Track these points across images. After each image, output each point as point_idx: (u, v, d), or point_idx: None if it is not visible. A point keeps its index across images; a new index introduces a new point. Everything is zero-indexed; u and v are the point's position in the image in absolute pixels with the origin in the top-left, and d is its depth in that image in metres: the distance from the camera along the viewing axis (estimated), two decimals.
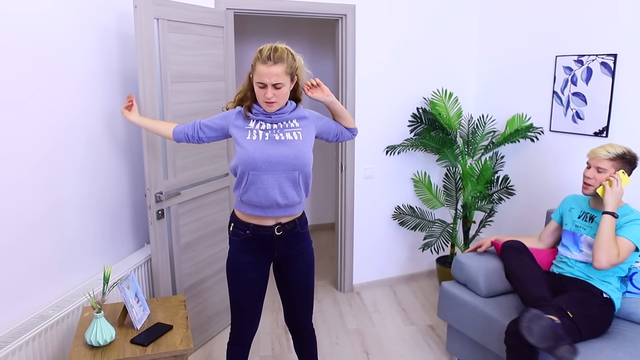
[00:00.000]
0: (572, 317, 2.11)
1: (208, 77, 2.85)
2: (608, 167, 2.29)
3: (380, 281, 3.94)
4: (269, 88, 1.89)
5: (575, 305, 2.16)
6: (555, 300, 2.21)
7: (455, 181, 3.74)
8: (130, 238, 2.82)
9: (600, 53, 2.95)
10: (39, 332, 2.00)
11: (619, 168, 2.29)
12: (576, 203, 2.55)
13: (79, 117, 2.35)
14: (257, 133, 1.97)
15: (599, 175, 2.31)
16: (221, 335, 3.15)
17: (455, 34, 3.80)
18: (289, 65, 1.93)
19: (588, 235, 2.40)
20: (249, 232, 2.04)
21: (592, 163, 2.34)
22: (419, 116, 3.69)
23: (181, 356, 1.97)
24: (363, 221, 3.78)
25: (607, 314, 2.22)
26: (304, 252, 2.11)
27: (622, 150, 2.30)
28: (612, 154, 2.29)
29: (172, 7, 2.55)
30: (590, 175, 2.33)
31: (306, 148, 1.99)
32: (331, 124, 2.17)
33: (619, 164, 2.29)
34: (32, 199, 2.08)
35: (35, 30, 2.06)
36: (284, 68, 1.90)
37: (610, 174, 2.29)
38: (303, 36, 4.92)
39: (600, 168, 2.30)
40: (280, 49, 1.95)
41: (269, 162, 1.94)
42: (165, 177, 2.64)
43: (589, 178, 2.34)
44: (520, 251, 2.48)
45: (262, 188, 1.95)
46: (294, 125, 2.02)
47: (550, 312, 2.11)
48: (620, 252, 2.16)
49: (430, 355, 2.95)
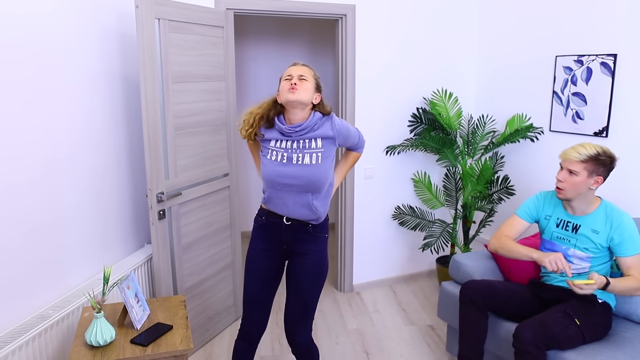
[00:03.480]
0: (579, 324, 2.11)
1: (209, 77, 2.85)
2: (580, 169, 2.13)
3: (380, 281, 3.94)
4: (294, 78, 2.00)
5: (581, 312, 2.15)
6: (561, 307, 2.18)
7: (455, 181, 3.74)
8: (131, 238, 2.82)
9: (600, 53, 2.95)
10: (39, 332, 2.00)
11: (592, 170, 2.12)
12: (551, 208, 2.37)
13: (80, 117, 2.35)
14: (276, 154, 2.04)
15: (571, 177, 2.15)
16: (221, 336, 3.15)
17: (455, 34, 3.80)
18: (315, 74, 2.07)
19: (577, 249, 2.26)
20: (264, 219, 2.14)
21: (564, 165, 2.19)
22: (419, 116, 3.70)
23: (181, 356, 1.97)
24: (363, 221, 3.78)
25: (607, 318, 2.23)
26: (310, 254, 2.10)
27: (595, 150, 2.12)
28: (584, 155, 2.12)
29: (173, 7, 2.55)
30: (562, 178, 2.18)
31: (322, 173, 2.02)
32: (350, 141, 2.16)
33: (591, 165, 2.12)
34: (33, 200, 2.08)
35: (36, 32, 2.06)
36: (310, 70, 2.06)
37: (583, 177, 2.13)
38: (303, 36, 4.92)
39: (572, 170, 2.15)
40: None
41: (283, 184, 2.03)
42: (167, 177, 2.64)
43: (561, 182, 2.19)
44: (478, 307, 2.32)
45: (279, 204, 2.07)
46: (314, 147, 2.03)
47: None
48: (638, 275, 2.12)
49: (430, 355, 2.95)
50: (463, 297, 2.37)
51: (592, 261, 2.25)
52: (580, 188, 2.17)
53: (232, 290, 3.25)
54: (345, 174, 2.30)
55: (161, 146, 2.54)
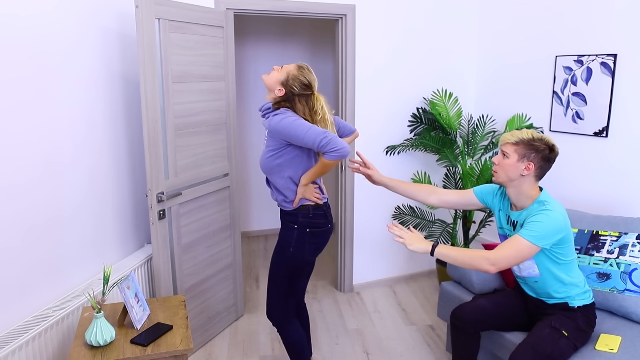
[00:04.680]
0: (567, 334, 2.09)
1: (209, 77, 2.85)
2: (511, 152, 2.08)
3: (380, 281, 3.94)
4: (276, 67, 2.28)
5: (565, 322, 2.13)
6: (545, 321, 2.15)
7: (455, 181, 3.74)
8: (131, 238, 2.82)
9: (600, 53, 2.95)
10: (39, 332, 2.00)
11: (523, 154, 2.06)
12: (503, 202, 2.30)
13: (80, 117, 2.35)
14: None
15: (503, 160, 2.11)
16: (221, 336, 3.15)
17: (455, 34, 3.81)
18: (293, 74, 2.19)
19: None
20: None
21: (500, 148, 2.15)
22: (418, 116, 3.70)
23: (181, 356, 1.97)
24: (363, 221, 3.78)
25: (590, 317, 2.19)
26: (279, 237, 2.32)
27: (530, 135, 2.07)
28: (516, 137, 2.08)
29: (173, 7, 2.55)
30: (496, 161, 2.15)
31: (263, 161, 2.23)
32: (299, 142, 2.11)
33: (522, 149, 2.06)
34: (33, 200, 2.08)
35: (37, 32, 2.06)
36: (291, 68, 2.21)
37: (514, 160, 2.07)
38: (303, 36, 4.92)
39: (505, 152, 2.11)
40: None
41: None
42: (167, 177, 2.64)
43: (495, 164, 2.15)
44: (469, 333, 2.32)
45: None
46: (265, 136, 2.27)
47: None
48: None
49: (430, 355, 2.95)
50: (453, 326, 2.37)
51: (535, 258, 2.14)
52: (511, 172, 2.10)
53: (232, 290, 3.25)
54: (311, 178, 2.21)
55: (161, 146, 2.54)
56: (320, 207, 2.28)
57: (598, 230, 2.50)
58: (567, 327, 2.11)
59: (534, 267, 2.16)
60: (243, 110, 4.92)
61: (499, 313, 2.32)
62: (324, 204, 2.31)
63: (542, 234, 1.99)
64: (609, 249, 2.44)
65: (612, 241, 2.45)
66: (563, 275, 2.14)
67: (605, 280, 2.42)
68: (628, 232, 2.42)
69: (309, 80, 2.18)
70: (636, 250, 2.33)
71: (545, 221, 2.00)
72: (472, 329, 2.32)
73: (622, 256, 2.40)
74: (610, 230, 2.47)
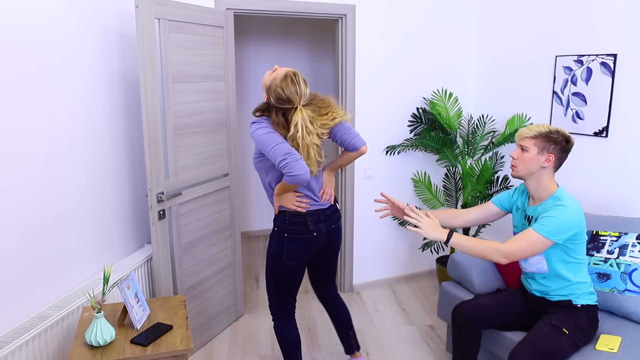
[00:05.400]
0: (568, 332, 2.09)
1: (209, 77, 2.85)
2: (530, 145, 2.13)
3: (380, 281, 3.94)
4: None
5: (566, 320, 2.13)
6: (546, 319, 2.16)
7: (455, 181, 3.74)
8: (131, 238, 2.82)
9: (600, 53, 2.95)
10: (39, 332, 2.00)
11: (542, 147, 2.11)
12: (522, 199, 2.34)
13: (81, 117, 2.35)
14: None
15: (522, 154, 2.15)
16: (221, 336, 3.15)
17: (455, 34, 3.81)
18: (273, 78, 2.13)
19: None
20: None
21: (518, 142, 2.19)
22: (418, 116, 3.70)
23: (181, 356, 1.97)
24: (363, 221, 3.78)
25: (593, 318, 2.19)
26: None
27: (547, 129, 2.13)
28: (534, 131, 2.13)
29: (173, 7, 2.55)
30: (515, 155, 2.19)
31: (253, 158, 2.29)
32: (268, 156, 2.07)
33: (541, 142, 2.12)
34: (33, 200, 2.08)
35: (37, 32, 2.06)
36: (274, 71, 2.18)
37: (534, 153, 2.12)
38: (303, 36, 4.92)
39: (523, 146, 2.15)
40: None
41: None
42: (167, 177, 2.64)
43: (514, 159, 2.19)
44: (470, 330, 2.34)
45: None
46: None
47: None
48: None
49: (430, 355, 2.95)
50: (455, 322, 2.38)
51: (545, 254, 2.17)
52: (532, 165, 2.14)
53: (232, 290, 3.25)
54: (282, 190, 2.17)
55: (161, 146, 2.54)
56: (300, 215, 2.22)
57: (598, 231, 2.50)
58: (568, 326, 2.12)
59: (542, 262, 2.18)
60: (243, 110, 4.92)
61: (501, 312, 2.33)
62: (312, 212, 2.25)
63: (555, 228, 2.03)
64: (609, 249, 2.44)
65: (612, 241, 2.45)
66: (570, 275, 2.16)
67: (606, 281, 2.42)
68: (628, 232, 2.42)
69: (287, 95, 2.04)
70: (636, 250, 2.33)
71: (559, 216, 2.04)
72: (473, 327, 2.32)
73: (622, 256, 2.40)
74: (610, 231, 2.47)
